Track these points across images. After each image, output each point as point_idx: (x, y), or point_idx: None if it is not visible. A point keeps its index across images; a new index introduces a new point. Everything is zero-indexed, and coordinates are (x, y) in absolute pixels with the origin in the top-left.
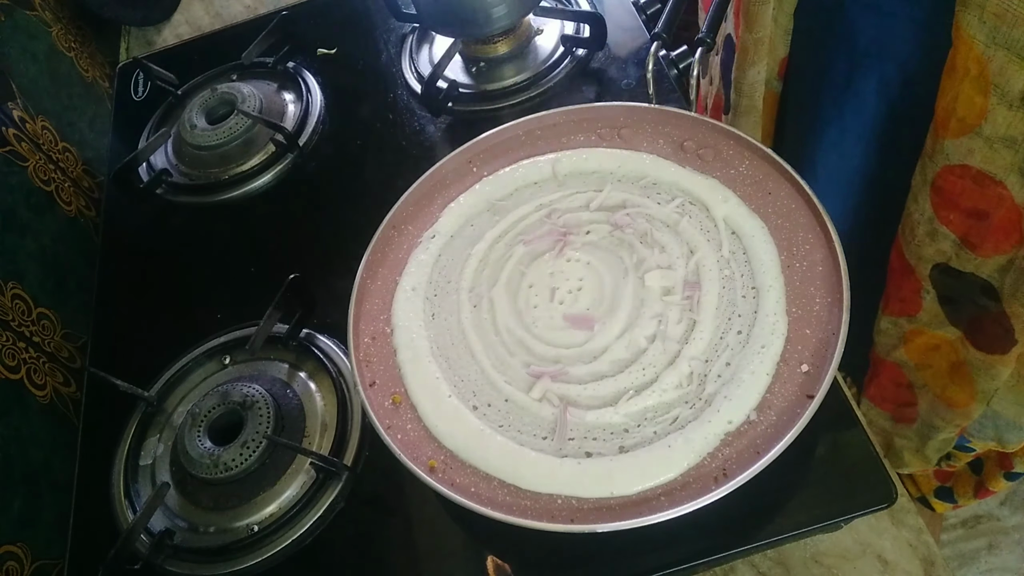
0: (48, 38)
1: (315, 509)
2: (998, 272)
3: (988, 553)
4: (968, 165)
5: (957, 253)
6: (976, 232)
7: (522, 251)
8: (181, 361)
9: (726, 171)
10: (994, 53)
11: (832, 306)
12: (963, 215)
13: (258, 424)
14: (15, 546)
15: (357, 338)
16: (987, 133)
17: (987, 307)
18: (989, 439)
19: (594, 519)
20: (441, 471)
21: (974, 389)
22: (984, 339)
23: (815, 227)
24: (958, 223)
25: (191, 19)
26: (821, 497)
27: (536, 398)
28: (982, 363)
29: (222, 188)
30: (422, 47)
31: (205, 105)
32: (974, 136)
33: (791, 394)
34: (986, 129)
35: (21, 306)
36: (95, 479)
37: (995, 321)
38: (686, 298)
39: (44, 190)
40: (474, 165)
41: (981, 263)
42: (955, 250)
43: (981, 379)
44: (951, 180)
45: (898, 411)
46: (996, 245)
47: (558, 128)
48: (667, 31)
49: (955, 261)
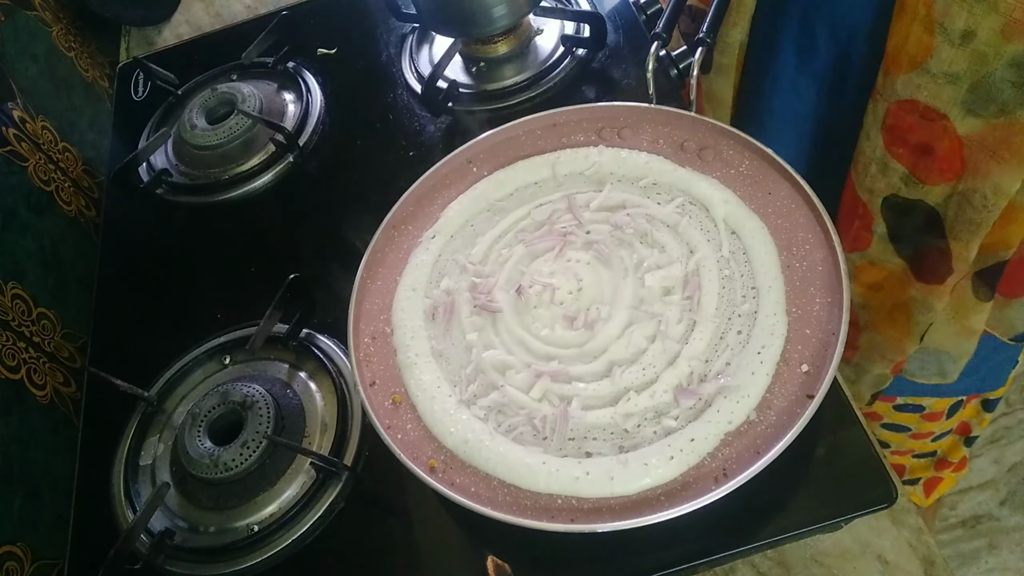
0: (48, 38)
1: (315, 509)
2: (943, 200)
3: (988, 553)
4: (916, 100)
5: (906, 183)
6: (923, 164)
7: (522, 251)
8: (181, 361)
9: (726, 171)
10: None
11: (832, 306)
12: (911, 149)
13: (258, 424)
14: (15, 546)
15: (357, 338)
16: (933, 69)
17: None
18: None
19: (594, 519)
20: (441, 471)
21: (910, 324)
22: (925, 270)
23: (815, 227)
24: (907, 157)
25: (191, 19)
26: (821, 497)
27: (536, 398)
28: (920, 294)
29: (222, 188)
30: (422, 47)
31: (205, 105)
32: (921, 72)
33: (791, 394)
34: (932, 65)
35: (21, 306)
36: (95, 479)
37: (937, 252)
38: (686, 298)
39: (44, 190)
40: (474, 165)
41: (928, 191)
42: (904, 181)
43: (917, 311)
44: (900, 115)
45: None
46: (941, 174)
47: (558, 128)
48: (667, 31)
49: (904, 191)
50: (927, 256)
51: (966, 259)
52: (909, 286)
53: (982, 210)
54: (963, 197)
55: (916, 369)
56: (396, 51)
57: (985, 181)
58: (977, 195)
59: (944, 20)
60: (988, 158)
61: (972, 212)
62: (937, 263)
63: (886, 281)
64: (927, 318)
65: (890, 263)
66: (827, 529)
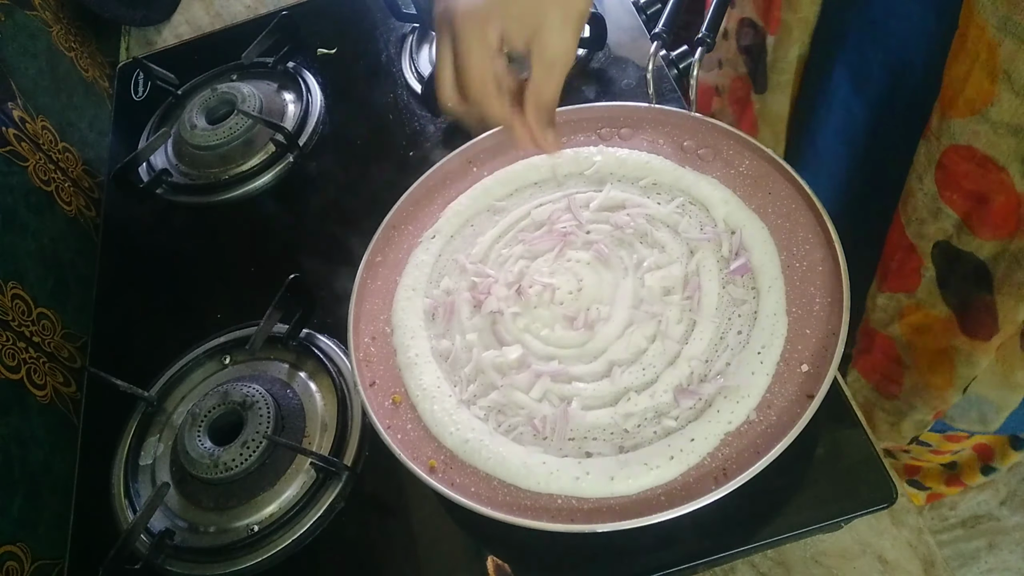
0: (48, 38)
1: (315, 509)
2: (994, 257)
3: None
4: (973, 147)
5: (958, 233)
6: (977, 214)
7: (522, 251)
8: (181, 361)
9: (726, 171)
10: (1004, 39)
11: (832, 306)
12: (965, 196)
13: (258, 424)
14: (15, 546)
15: (357, 338)
16: (993, 118)
17: (979, 294)
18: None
19: (594, 519)
20: (441, 471)
21: (953, 375)
22: (971, 323)
23: (815, 227)
24: (960, 204)
25: (191, 19)
26: (821, 497)
27: (536, 398)
28: (964, 348)
29: (222, 188)
30: (422, 47)
31: (205, 105)
32: (980, 119)
33: (791, 394)
34: (992, 114)
35: (21, 306)
36: (95, 479)
37: (984, 307)
38: (686, 298)
39: (44, 190)
40: (474, 165)
41: (980, 245)
42: (956, 230)
43: (961, 365)
44: (956, 160)
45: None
46: (994, 230)
47: (558, 128)
48: (667, 31)
49: (956, 240)
50: (974, 310)
51: (1014, 321)
52: (954, 337)
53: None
54: (1014, 258)
55: (957, 415)
56: (396, 51)
57: None
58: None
59: (1009, 68)
60: None
61: (1022, 275)
62: (983, 319)
63: (932, 326)
64: (970, 371)
65: (936, 310)
66: (827, 529)
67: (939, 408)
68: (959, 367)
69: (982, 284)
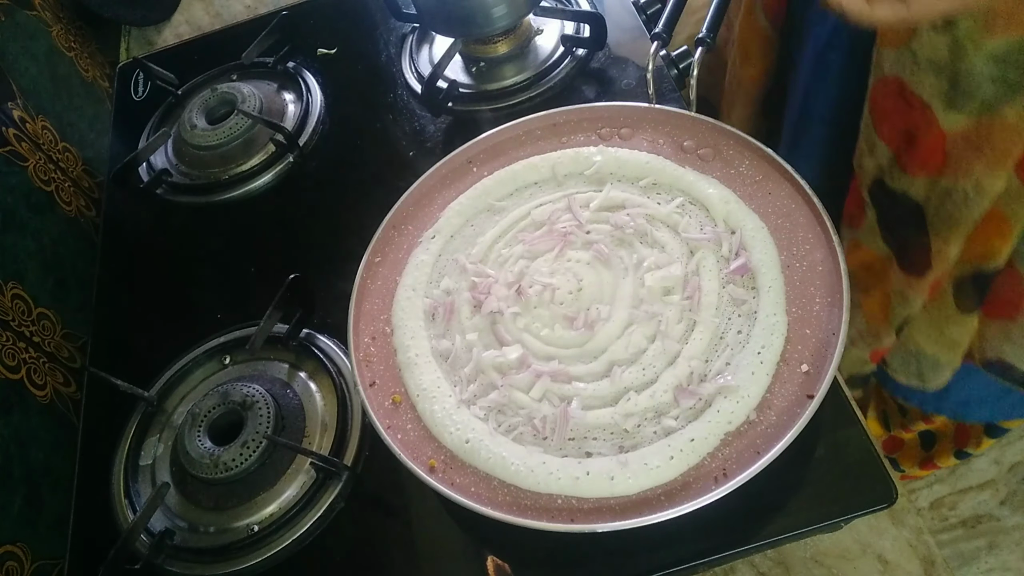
0: (48, 38)
1: (315, 509)
2: (925, 195)
3: (988, 553)
4: (901, 79)
5: (891, 169)
6: (907, 151)
7: (522, 251)
8: (181, 361)
9: (726, 171)
10: None
11: (832, 306)
12: (897, 133)
13: (258, 424)
14: (15, 546)
15: (357, 338)
16: (915, 50)
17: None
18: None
19: (594, 519)
20: (441, 471)
21: (888, 312)
22: (907, 260)
23: (815, 227)
24: (891, 138)
25: (191, 19)
26: (821, 497)
27: (536, 398)
28: (900, 284)
29: (222, 188)
30: (422, 47)
31: (205, 105)
32: (904, 49)
33: (791, 394)
34: (915, 46)
35: (21, 306)
36: (95, 479)
37: (918, 244)
38: (686, 298)
39: (44, 190)
40: (474, 165)
41: (911, 182)
42: (890, 165)
43: (896, 301)
44: (885, 94)
45: None
46: (923, 166)
47: (558, 128)
48: (667, 31)
49: (888, 178)
50: (910, 247)
51: (946, 257)
52: (892, 273)
53: (963, 207)
54: (945, 192)
55: (897, 365)
56: (396, 51)
57: (967, 178)
58: (958, 191)
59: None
60: (971, 155)
61: (952, 208)
62: (918, 256)
63: (873, 264)
64: (904, 310)
65: (876, 247)
66: (827, 529)
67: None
68: (894, 304)
69: (916, 222)
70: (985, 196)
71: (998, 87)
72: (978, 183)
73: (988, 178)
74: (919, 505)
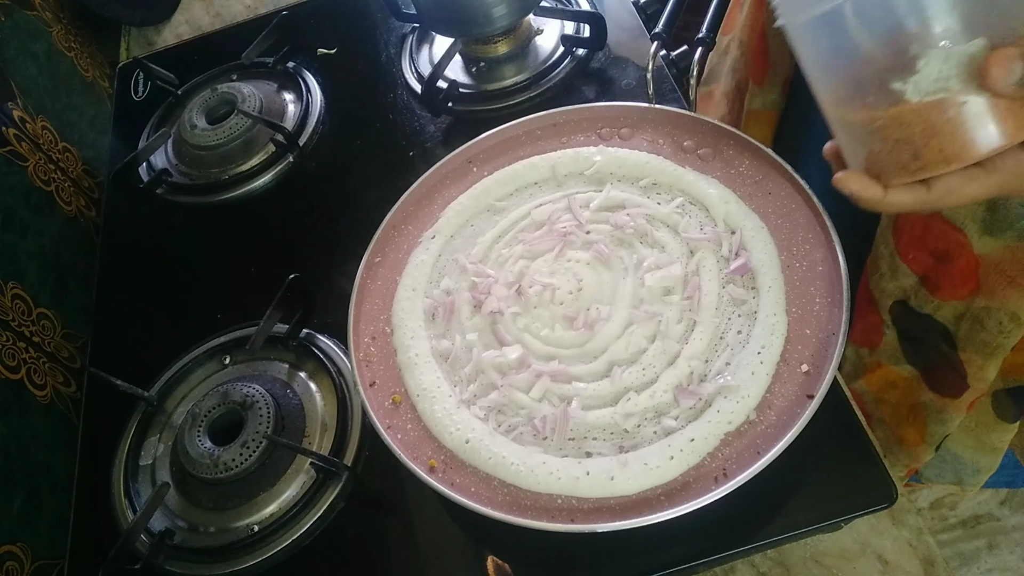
0: (48, 38)
1: (315, 509)
2: (955, 318)
3: (988, 553)
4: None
5: (916, 292)
6: (935, 274)
7: (522, 251)
8: (181, 361)
9: (726, 171)
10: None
11: (832, 306)
12: (924, 255)
13: (258, 424)
14: (15, 546)
15: (357, 338)
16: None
17: (943, 351)
18: (948, 481)
19: (594, 519)
20: (441, 471)
21: (925, 432)
22: (939, 381)
23: (815, 227)
24: (918, 262)
25: (191, 19)
26: (821, 497)
27: (536, 398)
28: (935, 405)
29: (222, 188)
30: (422, 47)
31: (205, 105)
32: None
33: (791, 394)
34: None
35: (21, 306)
36: (95, 479)
37: (950, 365)
38: (686, 298)
39: (44, 190)
40: (474, 165)
41: (939, 306)
42: (915, 289)
43: (933, 423)
44: (913, 219)
45: None
46: (953, 291)
47: (558, 128)
48: (667, 31)
49: (914, 300)
50: (940, 368)
51: (983, 379)
52: (923, 394)
53: (998, 335)
54: (976, 319)
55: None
56: (396, 51)
57: (1002, 306)
58: (992, 319)
59: None
60: (1005, 284)
61: (986, 335)
62: (951, 377)
63: (897, 383)
64: (943, 429)
65: (900, 368)
66: (827, 529)
67: (911, 465)
68: (930, 424)
69: (945, 343)
70: (1022, 325)
71: None
72: (1015, 314)
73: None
74: (919, 505)
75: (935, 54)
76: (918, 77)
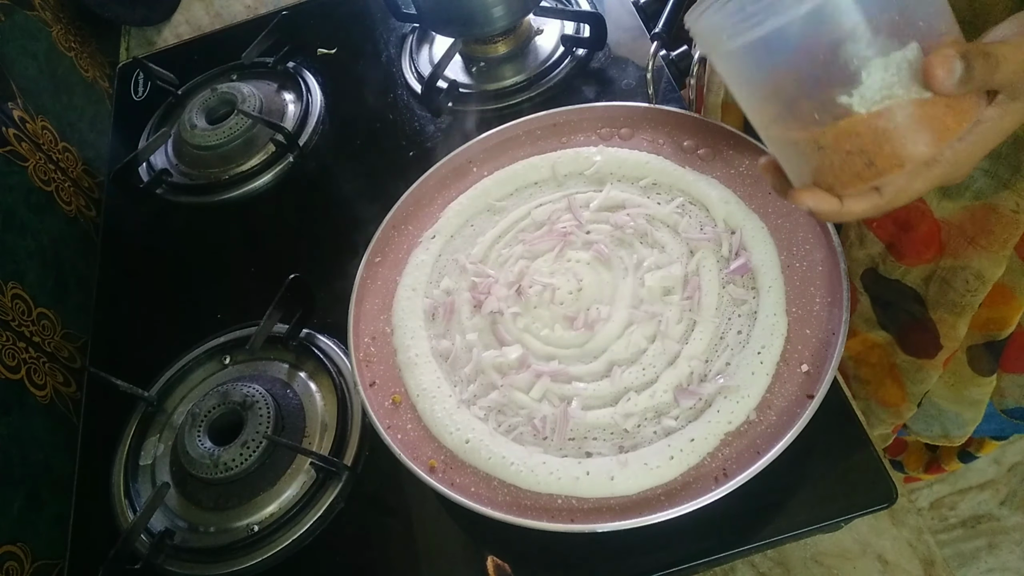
0: (48, 38)
1: (315, 509)
2: (923, 281)
3: (988, 553)
4: None
5: (884, 260)
6: (900, 241)
7: (522, 251)
8: (181, 361)
9: (726, 171)
10: None
11: (832, 306)
12: (888, 223)
13: (258, 424)
14: (15, 546)
15: (357, 338)
16: None
17: (915, 313)
18: (935, 434)
19: (594, 519)
20: (441, 471)
21: (904, 391)
22: (912, 344)
23: (815, 227)
24: (883, 230)
25: (191, 19)
26: (821, 497)
27: (536, 398)
28: (911, 366)
29: (222, 188)
30: (422, 47)
31: (205, 105)
32: None
33: (791, 394)
34: None
35: (21, 306)
36: (95, 479)
37: (922, 327)
38: (686, 298)
39: (44, 190)
40: (474, 165)
41: (906, 271)
42: (883, 256)
43: (911, 382)
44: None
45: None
46: (918, 255)
47: (558, 128)
48: (667, 31)
49: (882, 268)
50: (912, 331)
51: (954, 337)
52: (897, 356)
53: (965, 294)
54: (943, 280)
55: (918, 428)
56: (396, 51)
57: (966, 266)
58: (958, 279)
59: None
60: (967, 244)
61: (954, 295)
62: (924, 338)
63: (872, 351)
64: (921, 387)
65: (875, 334)
66: (827, 529)
67: (896, 423)
68: (909, 384)
69: (917, 304)
70: (987, 283)
71: (990, 180)
72: (979, 272)
73: (989, 266)
74: (919, 505)
75: (875, 64)
76: (863, 88)
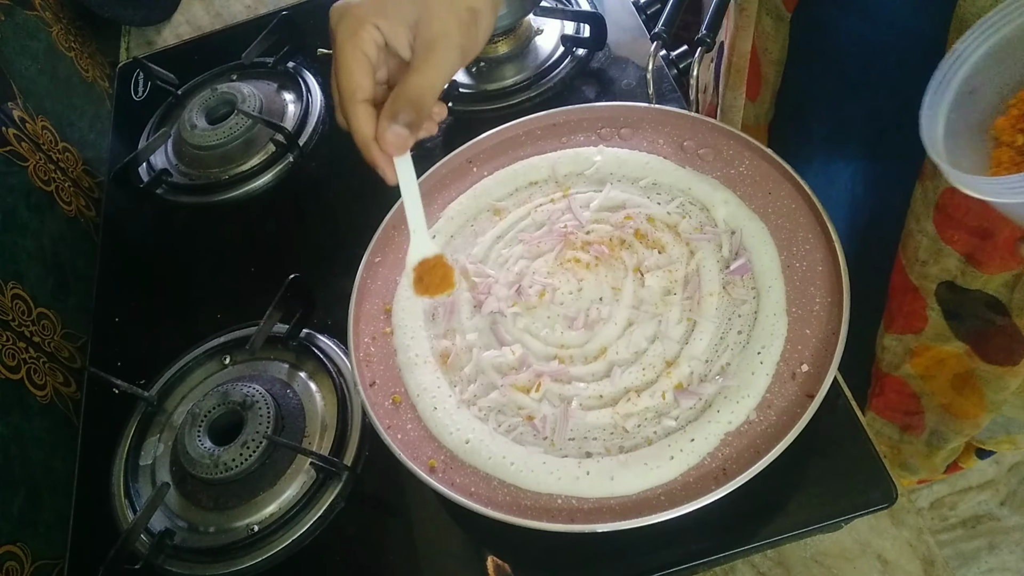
0: (48, 38)
1: (315, 509)
2: (1005, 287)
3: (988, 553)
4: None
5: (963, 271)
6: (981, 250)
7: (522, 251)
8: (181, 361)
9: (726, 171)
10: None
11: (832, 306)
12: (967, 234)
13: (258, 424)
14: (15, 546)
15: (357, 338)
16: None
17: (994, 320)
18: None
19: (594, 519)
20: (441, 471)
21: (983, 400)
22: (992, 351)
23: (815, 227)
24: (962, 242)
25: (191, 19)
26: (821, 497)
27: (536, 398)
28: (991, 375)
29: (222, 188)
30: None
31: (205, 105)
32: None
33: (791, 394)
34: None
35: (21, 306)
36: (95, 479)
37: (1003, 333)
38: (686, 298)
39: (44, 190)
40: (474, 165)
41: (988, 280)
42: (960, 268)
43: (990, 390)
44: (955, 200)
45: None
46: (1002, 262)
47: (558, 128)
48: (667, 31)
49: (961, 279)
50: (992, 338)
51: None
52: (975, 365)
53: None
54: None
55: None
56: None
57: None
58: None
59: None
60: None
61: None
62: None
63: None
64: (1001, 396)
65: (950, 346)
66: (827, 529)
67: (971, 434)
68: (988, 392)
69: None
70: None
71: None
72: None
73: None
74: (919, 505)
75: None
76: None
